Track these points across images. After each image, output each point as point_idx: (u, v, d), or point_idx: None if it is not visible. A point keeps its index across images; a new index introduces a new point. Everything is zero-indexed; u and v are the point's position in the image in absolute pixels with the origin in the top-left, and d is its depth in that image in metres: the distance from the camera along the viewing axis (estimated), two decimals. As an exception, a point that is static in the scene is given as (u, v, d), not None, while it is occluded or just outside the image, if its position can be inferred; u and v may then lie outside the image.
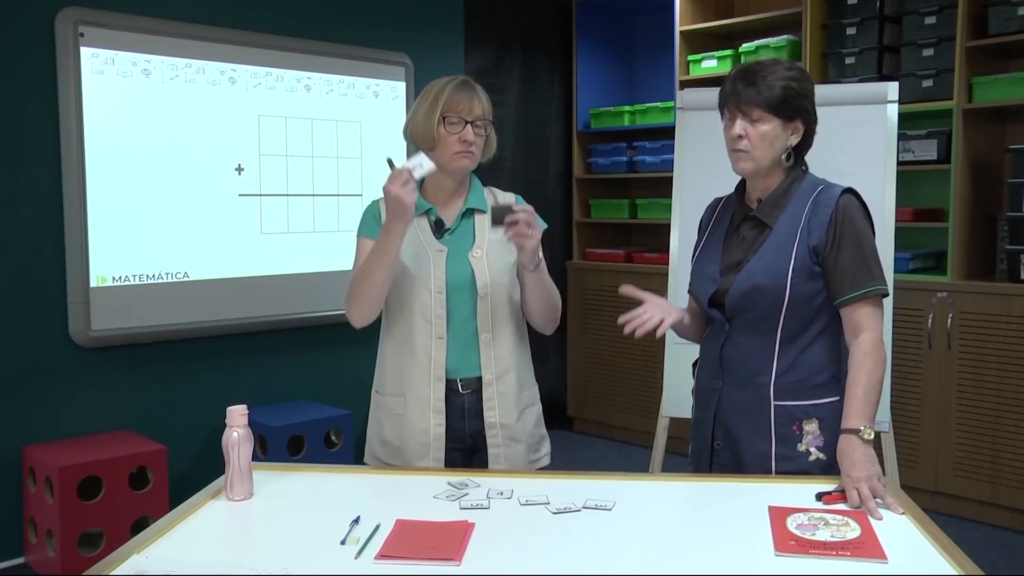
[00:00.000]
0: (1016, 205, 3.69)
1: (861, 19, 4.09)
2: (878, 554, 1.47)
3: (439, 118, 2.03)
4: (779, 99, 1.85)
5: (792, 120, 1.89)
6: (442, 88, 2.06)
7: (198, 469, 3.75)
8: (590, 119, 5.21)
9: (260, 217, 3.92)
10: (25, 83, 3.32)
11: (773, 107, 1.86)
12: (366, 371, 4.37)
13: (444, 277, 2.05)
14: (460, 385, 2.07)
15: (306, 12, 4.09)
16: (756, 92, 1.85)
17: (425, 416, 2.05)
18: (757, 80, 1.86)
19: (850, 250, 1.86)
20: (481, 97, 2.07)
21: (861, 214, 1.90)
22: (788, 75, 1.87)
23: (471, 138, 2.04)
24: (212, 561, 1.44)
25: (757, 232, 1.94)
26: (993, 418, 3.71)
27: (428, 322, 2.05)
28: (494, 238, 2.09)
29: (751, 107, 1.86)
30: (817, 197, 1.90)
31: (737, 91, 1.88)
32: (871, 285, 1.86)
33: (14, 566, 3.36)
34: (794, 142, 1.91)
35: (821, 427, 1.90)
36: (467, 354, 2.07)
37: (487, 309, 2.07)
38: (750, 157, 1.89)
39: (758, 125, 1.87)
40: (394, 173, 1.91)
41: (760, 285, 1.87)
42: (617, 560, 1.46)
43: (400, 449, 2.08)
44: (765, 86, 1.85)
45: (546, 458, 2.20)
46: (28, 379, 3.37)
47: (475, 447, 2.11)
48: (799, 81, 1.88)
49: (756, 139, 1.87)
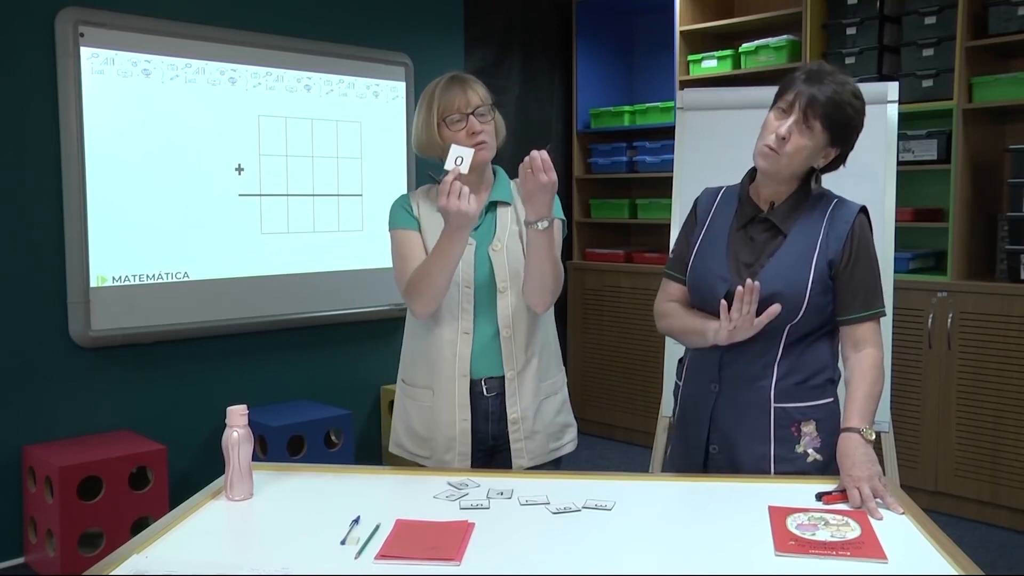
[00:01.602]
0: (1016, 205, 3.69)
1: (861, 19, 4.09)
2: (878, 554, 1.47)
3: (438, 122, 2.03)
4: (840, 120, 1.82)
5: (834, 145, 1.87)
6: (433, 90, 2.06)
7: (198, 469, 3.75)
8: (590, 119, 5.21)
9: (260, 217, 3.92)
10: (25, 83, 3.32)
11: (831, 124, 1.82)
12: (366, 371, 4.41)
13: (472, 272, 2.05)
14: (485, 388, 2.07)
15: (306, 12, 4.09)
16: (824, 104, 1.80)
17: (451, 411, 2.06)
18: (830, 92, 1.81)
19: (864, 270, 1.88)
20: (475, 86, 2.06)
21: (870, 235, 1.93)
22: (856, 103, 1.84)
23: (478, 128, 2.03)
24: (212, 561, 1.44)
25: (769, 236, 1.92)
26: (993, 418, 3.71)
27: (455, 317, 2.05)
28: (514, 228, 2.09)
29: (813, 115, 1.81)
30: (833, 212, 1.90)
31: (808, 90, 1.81)
32: (879, 307, 1.89)
33: (14, 566, 3.36)
34: (821, 164, 1.89)
35: (818, 428, 1.90)
36: (490, 351, 2.07)
37: (507, 303, 2.07)
38: (777, 160, 1.84)
39: (804, 133, 1.82)
40: (446, 188, 1.86)
41: (778, 293, 1.85)
42: (617, 560, 1.46)
43: (428, 440, 2.09)
44: (835, 101, 1.80)
45: (570, 445, 2.20)
46: (28, 379, 3.37)
47: (497, 448, 2.12)
48: (860, 112, 1.86)
49: (795, 146, 1.82)
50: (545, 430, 2.13)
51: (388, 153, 4.37)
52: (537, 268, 2.00)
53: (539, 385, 2.11)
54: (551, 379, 2.16)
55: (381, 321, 4.35)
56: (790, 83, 1.86)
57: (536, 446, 2.11)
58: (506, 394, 2.07)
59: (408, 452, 2.15)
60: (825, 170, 1.93)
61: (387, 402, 4.38)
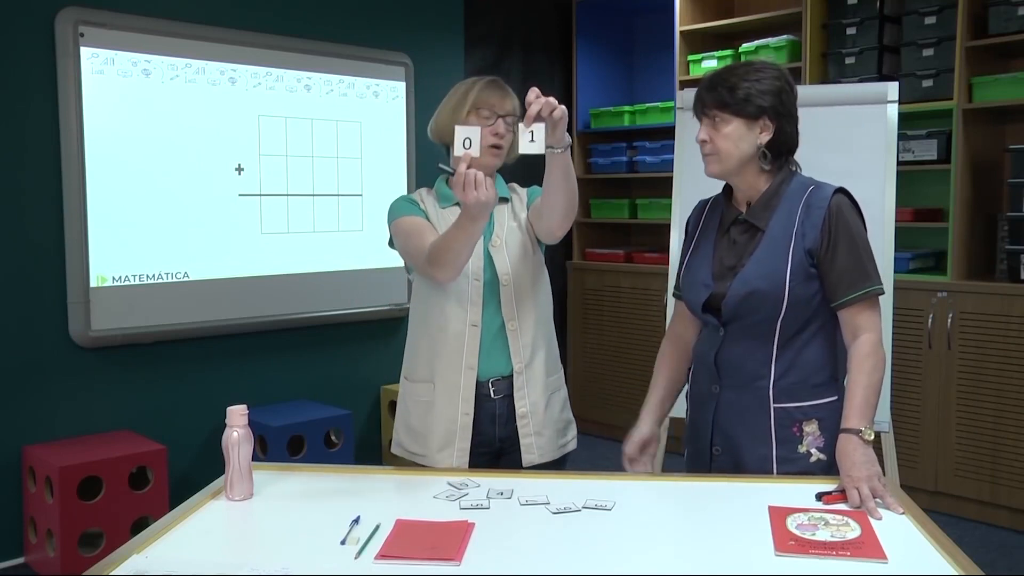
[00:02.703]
0: (1016, 205, 3.68)
1: (861, 19, 4.09)
2: (878, 554, 1.46)
3: (469, 111, 2.04)
4: (738, 99, 1.85)
5: (757, 118, 1.87)
6: (471, 86, 2.07)
7: (198, 469, 3.75)
8: (590, 119, 5.21)
9: (260, 217, 3.92)
10: (25, 83, 3.32)
11: (732, 107, 1.86)
12: (366, 371, 4.41)
13: (482, 265, 2.05)
14: (492, 390, 2.07)
15: (306, 12, 4.09)
16: (716, 95, 1.87)
17: (453, 404, 2.05)
18: (718, 84, 1.88)
19: (845, 251, 1.85)
20: (512, 96, 2.09)
21: (854, 213, 1.89)
22: (751, 75, 1.87)
23: (502, 131, 2.05)
24: (212, 561, 1.44)
25: (749, 236, 1.93)
26: (993, 418, 3.71)
27: (464, 309, 2.05)
28: (512, 225, 2.11)
29: (711, 109, 1.88)
30: (808, 198, 1.89)
31: (700, 96, 1.90)
32: (868, 286, 1.85)
33: (14, 566, 3.36)
34: (764, 140, 1.88)
35: (821, 428, 1.89)
36: (496, 347, 2.07)
37: (510, 297, 2.07)
38: (716, 160, 1.90)
39: (720, 127, 1.88)
40: (461, 179, 1.81)
41: (758, 290, 1.86)
42: (617, 560, 1.46)
43: (424, 436, 2.08)
44: (725, 88, 1.86)
45: (573, 442, 2.22)
46: (28, 379, 3.37)
47: (503, 450, 2.12)
48: (763, 80, 1.87)
49: (720, 141, 1.88)
50: (554, 426, 2.14)
51: (388, 153, 4.37)
52: (565, 192, 1.99)
53: (546, 380, 2.12)
54: (556, 374, 2.18)
55: (381, 321, 4.35)
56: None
57: (546, 441, 2.11)
58: (514, 388, 2.08)
59: (406, 451, 2.14)
60: (782, 146, 1.91)
61: (387, 402, 4.38)
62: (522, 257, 2.10)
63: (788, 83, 1.91)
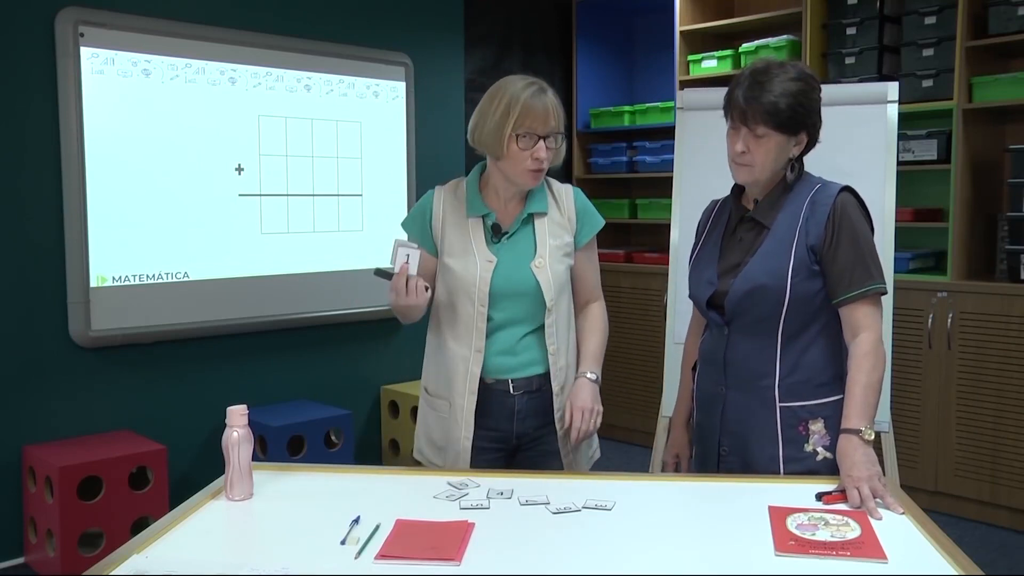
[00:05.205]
0: (1016, 205, 3.68)
1: (861, 19, 4.09)
2: (878, 554, 1.47)
3: (511, 134, 1.95)
4: (785, 117, 1.83)
5: (797, 134, 1.87)
6: (517, 95, 1.96)
7: (198, 469, 3.75)
8: (590, 119, 5.21)
9: (260, 217, 3.92)
10: (25, 83, 3.32)
11: (778, 124, 1.83)
12: (366, 371, 4.41)
13: (488, 290, 2.01)
14: (512, 386, 2.06)
15: (306, 12, 4.09)
16: (761, 109, 1.82)
17: (458, 426, 2.06)
18: (763, 94, 1.82)
19: (848, 249, 1.85)
20: (559, 109, 2.01)
21: (859, 212, 1.89)
22: (795, 88, 1.83)
23: (543, 155, 1.97)
24: (212, 561, 1.44)
25: (755, 233, 1.93)
26: (993, 418, 3.71)
27: (469, 333, 2.03)
28: (553, 244, 2.06)
29: (756, 123, 1.84)
30: (814, 196, 1.90)
31: (742, 103, 1.84)
32: (869, 284, 1.85)
33: (14, 566, 3.36)
34: (796, 152, 1.90)
35: (827, 426, 1.89)
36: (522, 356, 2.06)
37: (554, 320, 2.06)
38: (751, 170, 1.88)
39: (762, 141, 1.85)
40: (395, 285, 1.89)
41: (760, 286, 1.86)
42: (617, 560, 1.46)
43: (443, 451, 2.10)
44: (770, 102, 1.81)
45: (598, 451, 2.23)
46: (28, 379, 3.37)
47: (519, 447, 2.12)
48: (806, 93, 1.85)
49: (759, 154, 1.86)
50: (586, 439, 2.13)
51: (388, 153, 4.37)
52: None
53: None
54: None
55: (381, 321, 4.35)
56: (728, 96, 1.89)
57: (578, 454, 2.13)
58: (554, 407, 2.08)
59: (427, 460, 2.14)
60: (803, 153, 1.94)
61: (387, 402, 4.39)
62: (563, 276, 2.08)
63: (820, 94, 1.90)
